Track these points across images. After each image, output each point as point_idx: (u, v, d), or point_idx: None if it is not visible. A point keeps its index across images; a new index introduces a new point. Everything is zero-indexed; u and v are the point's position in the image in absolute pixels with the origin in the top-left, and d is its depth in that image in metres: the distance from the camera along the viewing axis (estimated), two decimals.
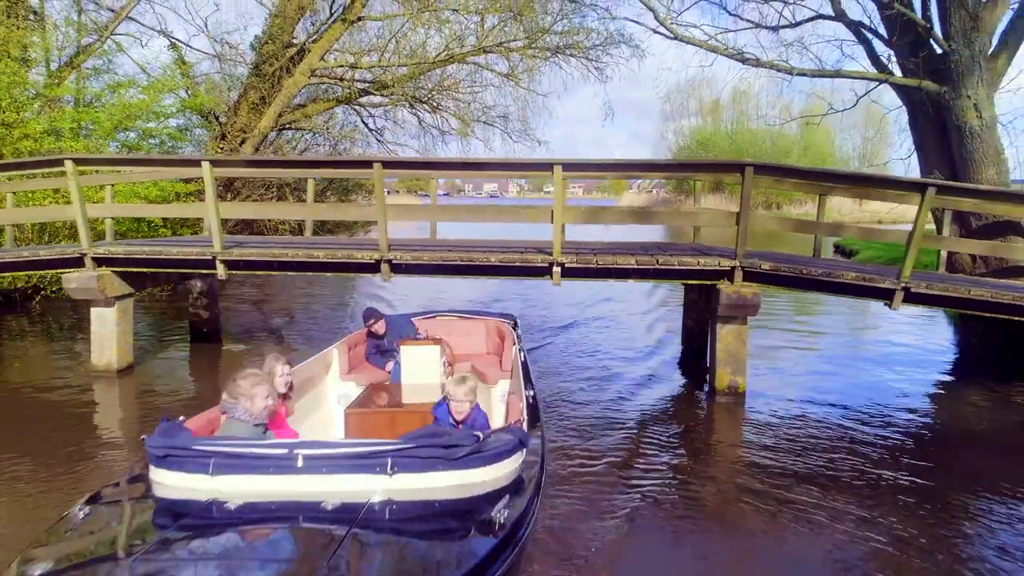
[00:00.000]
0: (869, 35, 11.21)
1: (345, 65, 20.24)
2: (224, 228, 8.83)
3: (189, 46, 19.40)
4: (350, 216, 17.77)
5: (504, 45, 20.21)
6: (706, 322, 8.23)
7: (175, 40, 18.97)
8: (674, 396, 7.77)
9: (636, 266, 7.50)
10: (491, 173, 17.82)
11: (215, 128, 19.38)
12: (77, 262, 8.08)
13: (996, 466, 5.78)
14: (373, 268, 7.86)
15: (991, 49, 10.07)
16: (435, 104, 21.94)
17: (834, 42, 11.69)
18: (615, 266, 7.53)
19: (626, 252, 8.08)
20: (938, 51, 10.09)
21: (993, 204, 7.59)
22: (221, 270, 7.92)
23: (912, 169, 11.48)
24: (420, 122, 22.70)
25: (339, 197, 23.52)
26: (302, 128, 21.64)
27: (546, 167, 7.45)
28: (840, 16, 11.24)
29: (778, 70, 11.03)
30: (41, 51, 16.30)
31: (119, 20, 16.91)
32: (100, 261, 8.08)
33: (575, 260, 7.56)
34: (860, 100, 11.91)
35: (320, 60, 19.41)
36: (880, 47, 11.19)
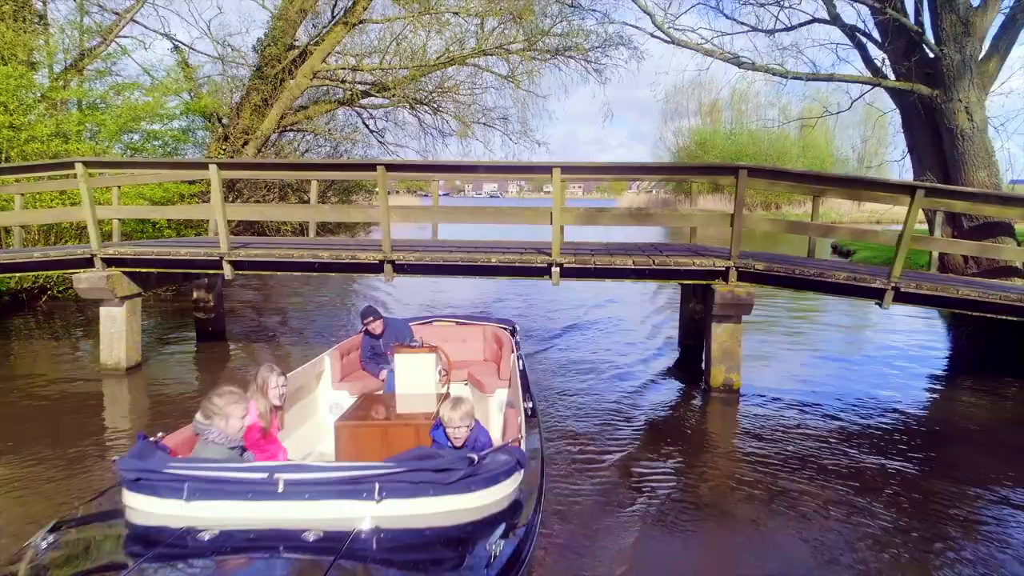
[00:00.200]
0: (863, 39, 11.41)
1: (346, 67, 20.45)
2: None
3: (192, 48, 19.64)
4: (354, 217, 17.92)
5: (504, 47, 20.41)
6: (702, 321, 8.41)
7: (178, 43, 19.19)
8: (671, 393, 7.95)
9: (633, 266, 7.69)
10: (492, 176, 17.94)
11: (218, 130, 19.57)
12: (87, 262, 8.25)
13: (984, 461, 5.96)
14: (376, 269, 8.05)
15: (982, 53, 10.26)
16: (435, 106, 22.16)
17: (829, 46, 11.87)
18: (612, 266, 7.72)
19: (623, 253, 8.29)
20: (930, 55, 10.29)
21: (982, 206, 7.79)
22: (228, 270, 8.11)
23: (907, 170, 11.67)
24: (421, 123, 22.96)
25: (340, 198, 23.74)
26: (304, 130, 21.85)
27: (545, 170, 7.64)
28: (835, 20, 11.42)
29: (773, 73, 11.23)
30: (45, 54, 16.47)
31: (124, 23, 17.11)
32: (109, 261, 8.25)
33: (573, 260, 7.75)
34: (854, 103, 12.13)
35: (322, 62, 19.62)
36: (874, 51, 11.39)
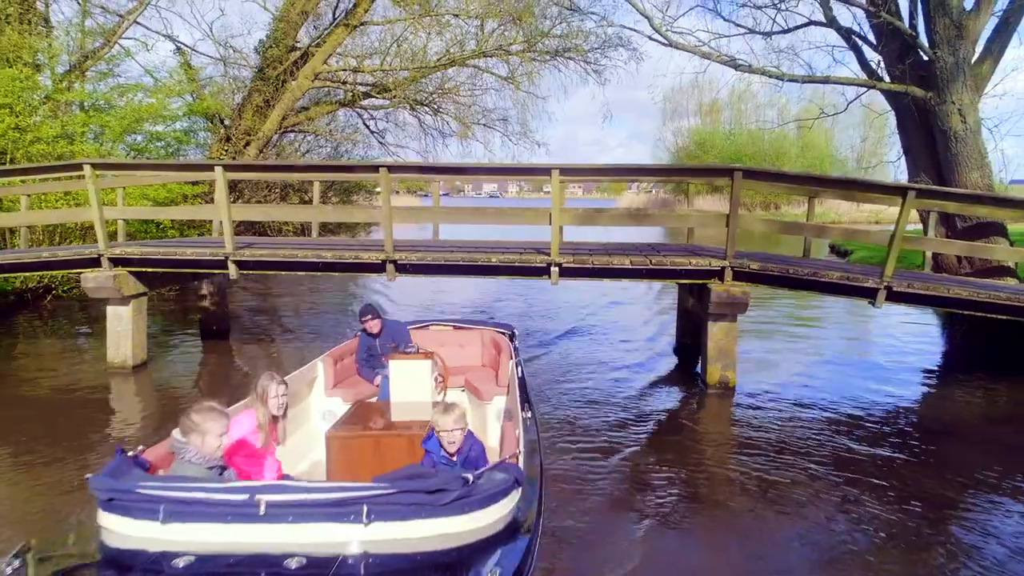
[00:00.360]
0: (859, 42, 11.55)
1: (347, 69, 20.60)
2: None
3: (194, 50, 19.77)
4: (356, 218, 18.07)
5: (503, 48, 20.56)
6: (699, 320, 8.55)
7: (181, 44, 19.32)
8: (669, 390, 8.09)
9: (630, 266, 7.83)
10: (492, 177, 18.11)
11: (220, 131, 19.71)
12: (94, 262, 8.40)
13: (975, 456, 6.10)
14: (379, 268, 8.20)
15: (975, 56, 10.40)
16: (436, 107, 22.32)
17: (825, 48, 12.00)
18: (610, 266, 7.87)
19: (621, 252, 8.43)
20: (924, 58, 10.43)
21: (973, 207, 7.93)
22: (233, 270, 8.25)
23: (903, 171, 11.82)
24: (421, 124, 23.13)
25: (341, 199, 23.92)
26: (305, 131, 22.00)
27: (544, 172, 7.78)
28: (831, 22, 11.56)
29: (769, 76, 11.36)
30: (47, 57, 16.61)
31: (127, 25, 17.25)
32: (116, 261, 8.40)
33: (572, 260, 7.90)
34: (850, 104, 12.26)
35: (323, 64, 19.77)
36: (870, 53, 11.53)
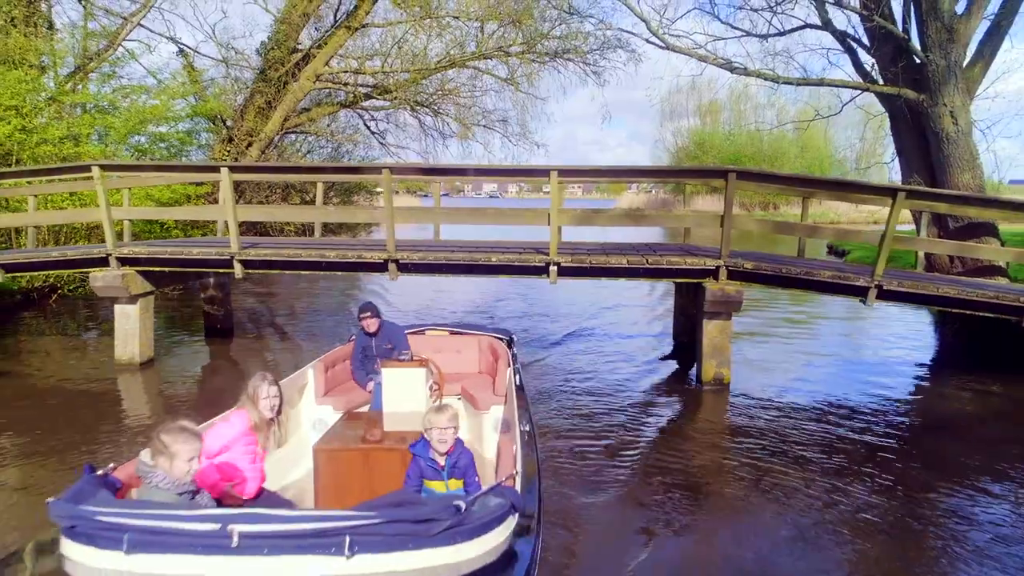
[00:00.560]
0: (854, 44, 11.73)
1: (349, 70, 20.78)
2: (228, 229, 9.27)
3: (197, 51, 19.97)
4: (359, 218, 18.25)
5: (503, 50, 20.73)
6: (694, 318, 8.73)
7: (184, 46, 19.51)
8: (665, 386, 8.27)
9: (627, 265, 8.02)
10: (492, 178, 18.29)
11: (222, 132, 19.90)
12: (102, 262, 8.58)
13: (965, 450, 6.26)
14: (381, 268, 8.38)
15: (967, 59, 10.58)
16: (436, 108, 22.50)
17: (820, 51, 12.21)
18: (607, 265, 8.05)
19: (618, 252, 8.61)
20: (917, 61, 10.61)
21: (961, 207, 8.11)
22: (239, 269, 8.44)
23: (898, 172, 12.01)
24: (422, 125, 23.31)
25: (342, 199, 24.10)
26: (307, 132, 22.17)
27: (543, 173, 7.96)
28: (827, 25, 11.74)
29: (765, 78, 11.54)
30: (51, 59, 16.80)
31: (131, 28, 17.43)
32: (124, 261, 8.58)
33: (570, 260, 8.08)
34: (845, 106, 12.44)
35: (324, 65, 19.96)
36: (864, 56, 11.72)
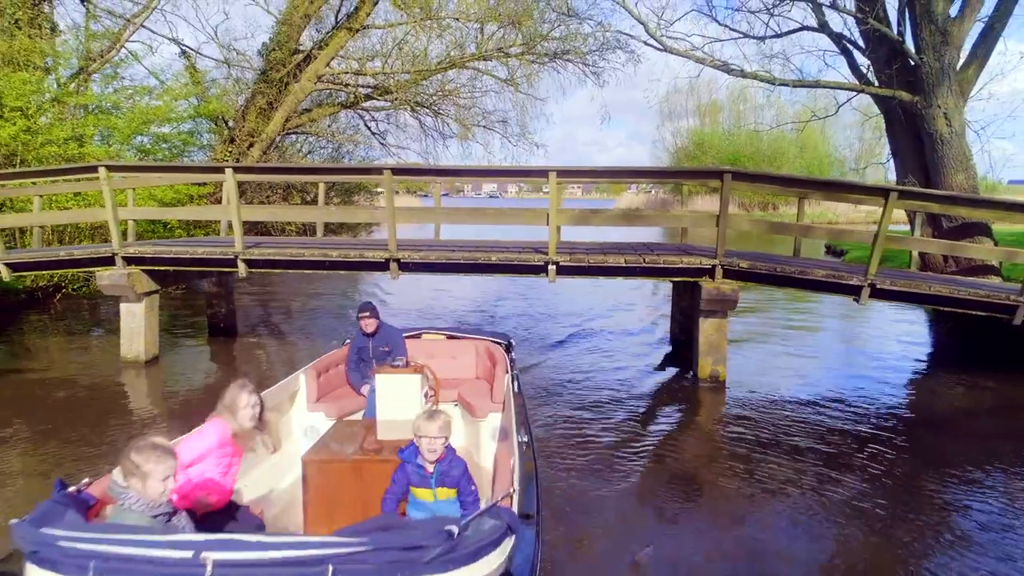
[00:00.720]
0: (849, 46, 11.89)
1: (349, 71, 20.92)
2: (231, 229, 9.41)
3: (199, 53, 20.06)
4: (360, 218, 18.38)
5: (503, 51, 20.86)
6: (691, 316, 8.87)
7: (186, 48, 19.63)
8: (662, 383, 8.42)
9: (625, 264, 8.16)
10: (492, 179, 18.45)
11: (224, 132, 20.03)
12: (108, 261, 8.72)
13: (953, 442, 6.43)
14: (383, 267, 8.52)
15: (961, 62, 10.73)
16: (436, 109, 22.61)
17: (816, 53, 12.35)
18: (605, 264, 8.20)
19: (616, 252, 8.76)
20: (911, 63, 10.76)
21: (952, 207, 8.25)
22: (243, 268, 8.58)
23: (893, 172, 12.14)
24: (422, 126, 23.41)
25: (342, 199, 24.23)
26: (308, 132, 22.30)
27: (542, 174, 8.11)
28: (823, 27, 11.90)
29: (761, 80, 11.69)
30: (55, 60, 16.93)
31: (134, 29, 17.56)
32: (130, 260, 8.72)
33: (569, 259, 8.23)
34: (840, 107, 12.60)
35: (325, 66, 20.09)
36: (860, 58, 11.88)
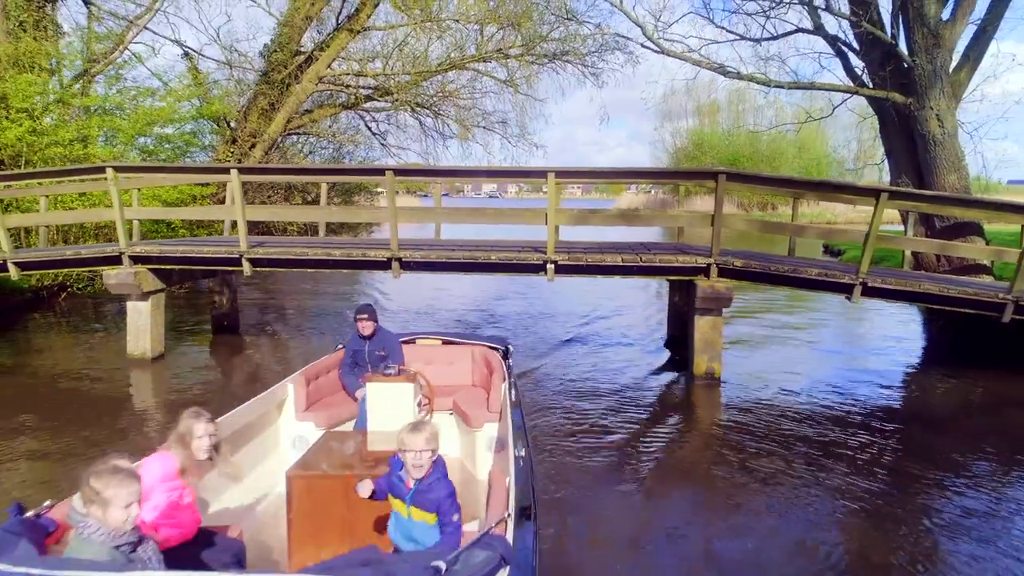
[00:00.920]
0: (844, 49, 12.06)
1: (350, 72, 21.07)
2: (234, 229, 9.58)
3: (202, 54, 20.22)
4: (362, 218, 18.57)
5: (503, 52, 21.01)
6: (687, 314, 9.03)
7: (188, 49, 19.79)
8: (658, 380, 8.60)
9: (622, 263, 8.33)
10: (491, 179, 18.62)
11: (226, 133, 20.19)
12: (116, 260, 8.89)
13: (944, 438, 6.58)
14: (384, 266, 8.69)
15: (953, 64, 10.90)
16: (436, 109, 22.76)
17: (812, 55, 12.52)
18: (603, 263, 8.37)
19: (614, 251, 8.93)
20: (904, 65, 10.92)
21: (941, 207, 8.43)
22: (247, 267, 8.74)
23: (888, 173, 12.32)
24: (422, 126, 23.55)
25: (343, 199, 24.36)
26: (309, 133, 22.45)
27: (540, 174, 8.28)
28: (818, 30, 12.06)
29: (756, 82, 11.86)
30: (58, 62, 17.08)
31: (138, 31, 17.73)
32: (136, 259, 8.89)
33: (567, 258, 8.40)
34: (836, 109, 12.78)
35: (327, 68, 20.25)
36: (855, 60, 12.04)
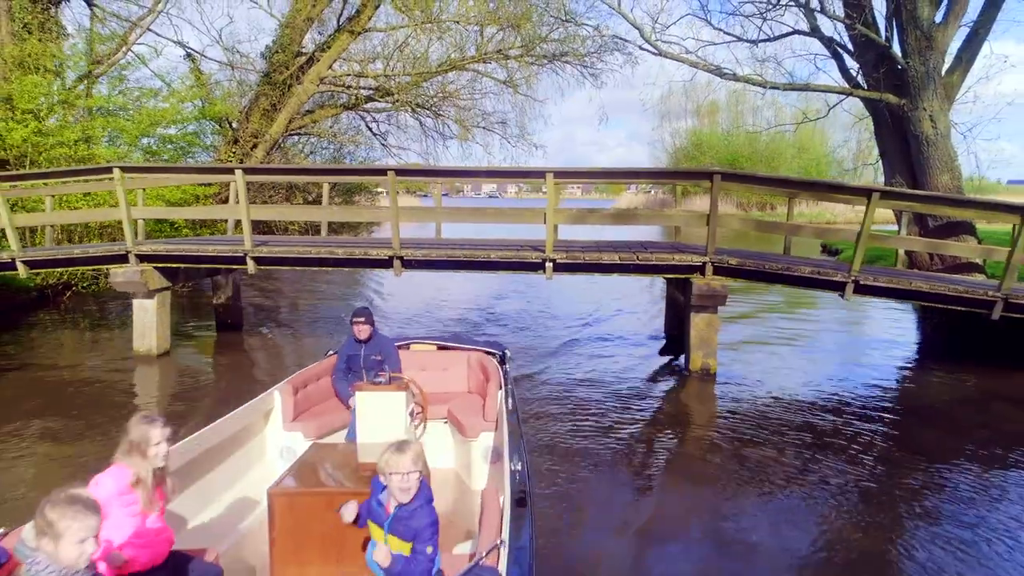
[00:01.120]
0: (840, 50, 12.22)
1: (351, 73, 21.23)
2: (237, 228, 9.73)
3: (204, 55, 20.37)
4: (364, 217, 18.77)
5: (502, 53, 21.16)
6: (683, 312, 9.20)
7: (191, 50, 19.95)
8: (656, 375, 8.78)
9: (619, 262, 8.50)
10: (491, 180, 18.79)
11: (228, 133, 20.34)
12: (122, 258, 9.05)
13: (936, 431, 6.77)
14: (386, 264, 8.85)
15: (946, 66, 11.06)
16: (437, 110, 22.90)
17: (807, 56, 12.67)
18: (600, 262, 8.54)
19: (611, 249, 9.09)
20: (898, 67, 11.08)
21: (933, 206, 8.59)
22: (251, 266, 8.90)
23: (882, 174, 12.48)
24: (422, 127, 23.69)
25: (344, 199, 24.54)
26: (310, 133, 22.61)
27: (539, 175, 8.44)
28: (814, 31, 12.22)
29: (753, 83, 12.01)
30: (64, 63, 17.24)
31: (141, 32, 17.89)
32: (142, 258, 9.05)
33: (565, 256, 8.56)
34: (831, 109, 12.92)
35: (328, 69, 20.41)
36: (850, 61, 12.20)
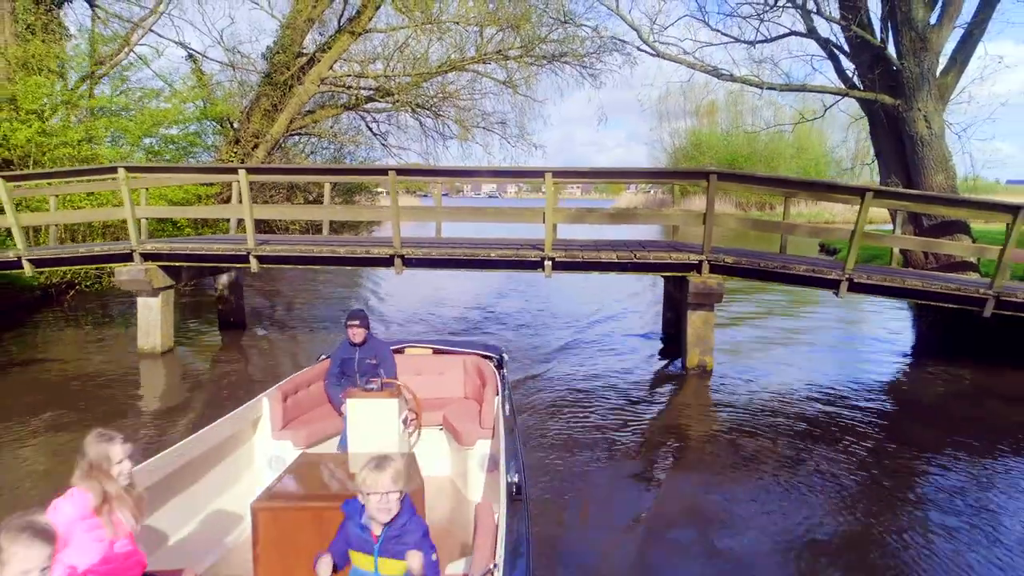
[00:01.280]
0: (836, 51, 12.34)
1: (352, 74, 21.36)
2: (240, 227, 9.87)
3: (205, 56, 20.51)
4: (365, 216, 18.91)
5: (502, 53, 21.29)
6: (680, 309, 9.32)
7: (192, 51, 20.08)
8: (654, 372, 8.90)
9: (617, 260, 8.62)
10: (491, 180, 18.87)
11: (229, 133, 20.47)
12: (127, 257, 9.17)
13: (929, 426, 6.88)
14: (388, 262, 8.98)
15: (940, 67, 11.18)
16: (437, 110, 23.04)
17: (804, 57, 12.79)
18: (598, 260, 8.66)
19: (610, 248, 9.21)
20: (893, 68, 11.21)
21: (926, 206, 8.72)
22: (255, 264, 9.02)
23: (878, 174, 12.61)
24: (422, 127, 23.84)
25: (344, 199, 24.67)
26: (311, 133, 22.73)
27: (538, 175, 8.56)
28: (811, 32, 12.35)
29: (749, 84, 12.13)
30: (67, 64, 17.36)
31: (143, 33, 18.02)
32: (147, 256, 9.17)
33: (564, 255, 8.69)
34: (827, 110, 13.03)
35: (328, 69, 20.54)
36: (846, 62, 12.32)
